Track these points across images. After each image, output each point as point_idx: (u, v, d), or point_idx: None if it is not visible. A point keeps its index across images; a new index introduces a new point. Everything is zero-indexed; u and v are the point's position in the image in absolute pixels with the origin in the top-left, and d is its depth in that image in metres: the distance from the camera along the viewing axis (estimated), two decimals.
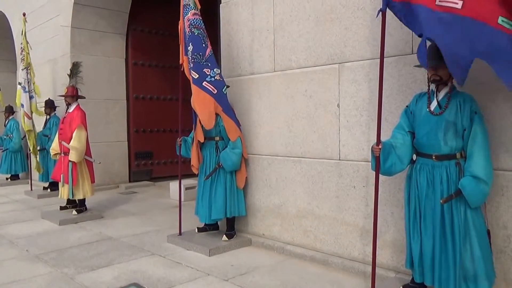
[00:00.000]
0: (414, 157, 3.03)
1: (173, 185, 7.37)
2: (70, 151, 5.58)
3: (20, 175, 10.00)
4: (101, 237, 5.01)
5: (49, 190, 7.97)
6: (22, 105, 7.80)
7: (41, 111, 7.99)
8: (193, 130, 4.59)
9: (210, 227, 4.81)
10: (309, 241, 4.18)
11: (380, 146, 2.99)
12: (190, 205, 4.93)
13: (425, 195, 2.88)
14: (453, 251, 2.76)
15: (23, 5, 10.04)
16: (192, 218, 4.79)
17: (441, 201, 2.77)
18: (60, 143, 5.78)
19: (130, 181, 8.99)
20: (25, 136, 9.54)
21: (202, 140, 4.50)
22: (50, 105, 8.10)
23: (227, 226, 4.63)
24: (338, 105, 3.88)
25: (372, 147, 3.06)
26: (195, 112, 4.48)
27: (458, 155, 2.82)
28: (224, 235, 4.54)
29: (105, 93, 8.57)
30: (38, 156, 7.83)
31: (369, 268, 3.47)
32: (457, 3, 2.45)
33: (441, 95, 2.88)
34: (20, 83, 7.90)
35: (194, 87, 4.39)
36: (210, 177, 4.50)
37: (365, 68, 3.69)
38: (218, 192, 4.44)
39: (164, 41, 9.43)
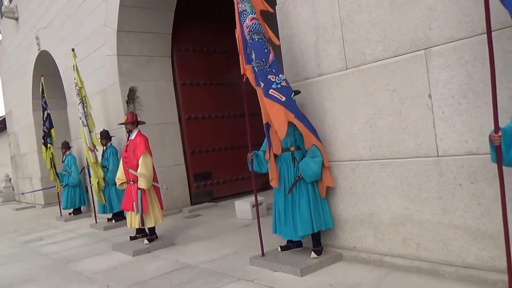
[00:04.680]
0: None
1: (239, 204, 7.08)
2: (139, 178, 5.41)
3: (82, 208, 10.04)
4: (179, 265, 4.76)
5: (113, 221, 7.90)
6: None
7: (99, 142, 7.99)
8: (266, 143, 4.31)
9: (293, 245, 4.46)
10: (410, 250, 3.74)
11: (500, 134, 2.59)
12: (261, 223, 4.55)
13: None
14: None
15: (67, 41, 10.20)
16: (268, 236, 4.45)
17: None
18: (126, 171, 5.63)
19: (191, 204, 8.79)
20: (83, 169, 9.64)
21: (279, 152, 4.20)
22: (105, 136, 8.11)
23: (313, 242, 4.27)
24: (430, 96, 3.47)
25: (490, 135, 2.68)
26: (266, 124, 4.19)
27: None
28: (312, 252, 4.17)
29: (158, 117, 8.43)
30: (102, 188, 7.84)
31: (492, 275, 3.09)
32: None
33: None
34: (80, 118, 7.93)
35: (261, 96, 4.12)
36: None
37: (457, 50, 3.27)
38: (302, 206, 4.09)
39: (209, 58, 9.29)
